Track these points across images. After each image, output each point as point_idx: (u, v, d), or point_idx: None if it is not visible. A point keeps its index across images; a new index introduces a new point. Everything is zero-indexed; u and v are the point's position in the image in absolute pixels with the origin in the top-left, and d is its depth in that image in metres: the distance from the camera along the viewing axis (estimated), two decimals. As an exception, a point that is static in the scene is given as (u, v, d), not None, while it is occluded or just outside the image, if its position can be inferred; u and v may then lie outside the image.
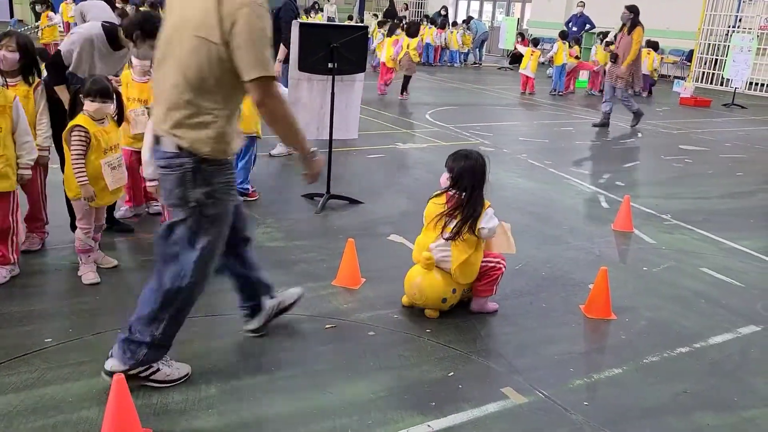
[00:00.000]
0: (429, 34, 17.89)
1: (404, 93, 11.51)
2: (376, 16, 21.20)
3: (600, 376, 3.01)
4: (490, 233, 3.39)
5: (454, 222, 3.36)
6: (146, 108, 4.30)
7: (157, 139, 2.54)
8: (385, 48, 11.89)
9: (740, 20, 16.05)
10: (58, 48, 3.95)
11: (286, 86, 5.48)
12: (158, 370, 2.70)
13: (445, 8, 21.67)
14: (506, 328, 3.41)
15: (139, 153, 4.48)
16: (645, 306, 3.77)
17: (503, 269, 3.49)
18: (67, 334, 3.07)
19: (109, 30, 3.94)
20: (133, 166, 4.46)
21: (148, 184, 3.72)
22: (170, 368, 2.74)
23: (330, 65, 5.02)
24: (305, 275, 3.92)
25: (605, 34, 14.57)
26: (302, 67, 5.06)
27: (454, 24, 20.38)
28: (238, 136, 2.62)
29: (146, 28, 3.83)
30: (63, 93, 3.86)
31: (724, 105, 13.26)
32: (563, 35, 14.16)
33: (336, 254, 4.00)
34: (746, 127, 10.91)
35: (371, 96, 11.56)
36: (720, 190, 6.61)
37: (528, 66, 13.28)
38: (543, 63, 16.55)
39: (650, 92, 14.43)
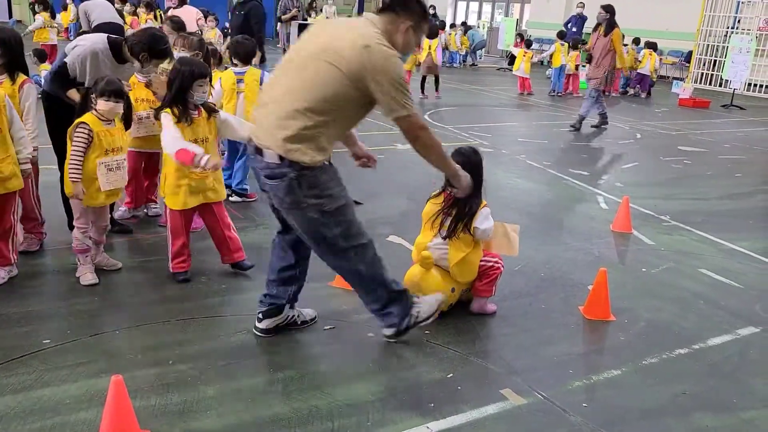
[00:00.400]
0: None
1: (437, 92, 12.07)
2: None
3: (599, 378, 3.01)
4: (484, 234, 3.39)
5: (450, 220, 3.37)
6: (152, 109, 4.30)
7: (259, 150, 2.79)
8: None
9: (739, 21, 16.07)
10: (64, 60, 3.88)
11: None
12: (416, 314, 3.13)
13: (433, 7, 21.69)
14: (505, 329, 3.41)
15: (142, 155, 4.47)
16: (644, 307, 3.77)
17: (501, 269, 3.50)
18: (65, 336, 3.07)
19: (113, 44, 3.90)
20: (137, 168, 4.45)
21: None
22: (421, 307, 3.16)
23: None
24: (304, 276, 3.91)
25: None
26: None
27: (453, 26, 20.40)
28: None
29: (154, 50, 3.85)
30: (74, 94, 3.86)
31: (723, 106, 13.27)
32: (561, 35, 14.18)
33: (335, 255, 3.98)
34: (745, 128, 10.92)
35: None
36: (719, 191, 6.62)
37: (521, 67, 13.35)
38: (542, 63, 16.56)
39: (649, 93, 14.45)
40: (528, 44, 14.02)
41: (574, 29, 16.08)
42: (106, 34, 3.99)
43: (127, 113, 3.72)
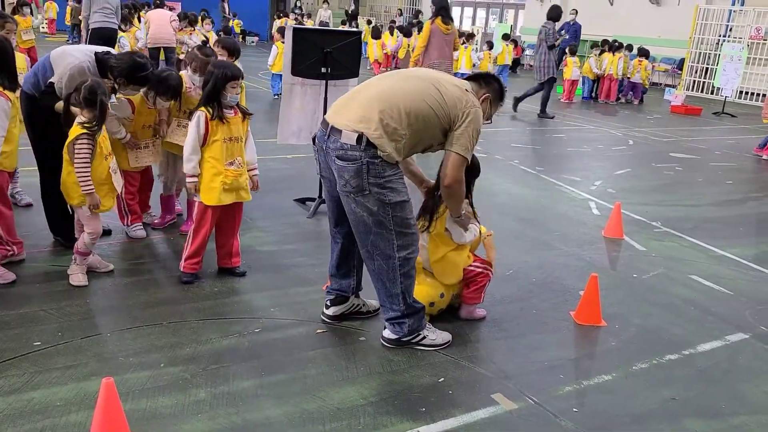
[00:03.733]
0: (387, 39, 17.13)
1: None
2: (369, 21, 21.30)
3: (589, 383, 3.02)
4: (456, 237, 3.34)
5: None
6: (154, 137, 4.37)
7: (335, 131, 2.94)
8: (375, 49, 12.21)
9: (731, 29, 16.19)
10: (51, 81, 3.82)
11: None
12: (424, 336, 3.18)
13: (420, 12, 21.86)
14: (497, 334, 3.42)
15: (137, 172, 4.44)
16: (634, 313, 3.79)
17: (490, 276, 3.48)
18: (55, 338, 3.05)
19: (100, 61, 3.87)
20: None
21: (188, 180, 3.67)
22: (435, 334, 3.21)
23: (323, 70, 5.03)
24: (296, 279, 3.91)
25: (600, 43, 14.66)
26: (295, 72, 5.05)
27: (470, 37, 20.43)
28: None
29: (132, 76, 3.87)
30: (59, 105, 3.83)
31: (715, 113, 13.36)
32: (506, 37, 15.29)
33: (327, 259, 3.98)
34: (736, 135, 11.00)
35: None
36: (710, 198, 6.66)
37: (462, 63, 13.66)
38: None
39: (642, 100, 14.54)
40: (490, 46, 15.10)
41: (567, 36, 16.17)
42: (94, 49, 3.96)
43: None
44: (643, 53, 14.37)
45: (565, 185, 6.71)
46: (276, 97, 10.95)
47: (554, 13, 11.29)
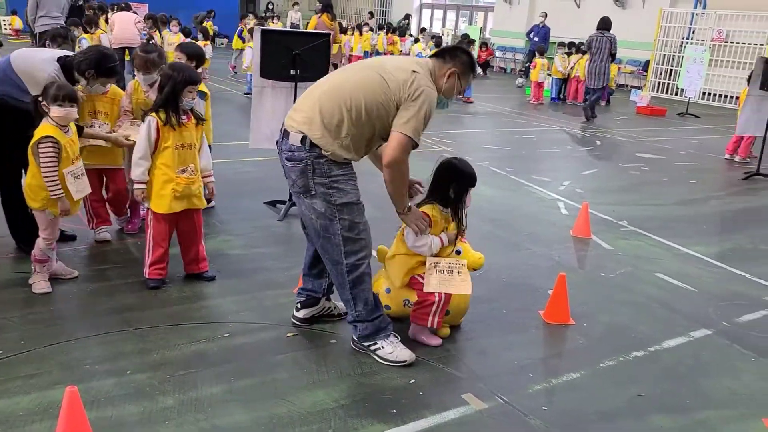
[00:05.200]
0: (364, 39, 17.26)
1: None
2: (340, 24, 21.25)
3: (558, 381, 3.05)
4: (408, 242, 3.17)
5: None
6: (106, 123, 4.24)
7: (286, 134, 2.96)
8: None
9: (693, 32, 16.55)
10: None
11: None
12: (381, 347, 3.07)
13: (408, 15, 21.99)
14: (467, 335, 3.44)
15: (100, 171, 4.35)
16: (602, 311, 3.85)
17: (435, 299, 3.15)
18: (18, 346, 2.98)
19: (65, 65, 3.80)
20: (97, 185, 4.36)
21: (135, 187, 3.60)
22: (393, 348, 3.07)
23: (292, 72, 5.00)
24: (266, 283, 3.89)
25: (567, 45, 14.86)
26: (264, 74, 5.02)
27: (424, 30, 20.56)
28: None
29: (102, 68, 3.83)
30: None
31: (679, 114, 13.64)
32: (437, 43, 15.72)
33: (297, 262, 3.95)
34: (699, 135, 11.24)
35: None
36: (674, 197, 6.80)
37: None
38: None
39: (608, 101, 14.76)
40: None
41: (536, 39, 16.38)
42: (57, 54, 3.89)
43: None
44: (609, 56, 14.59)
45: (534, 186, 6.78)
46: (247, 95, 11.19)
47: (606, 24, 11.96)
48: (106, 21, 11.57)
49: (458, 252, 3.28)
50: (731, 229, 5.82)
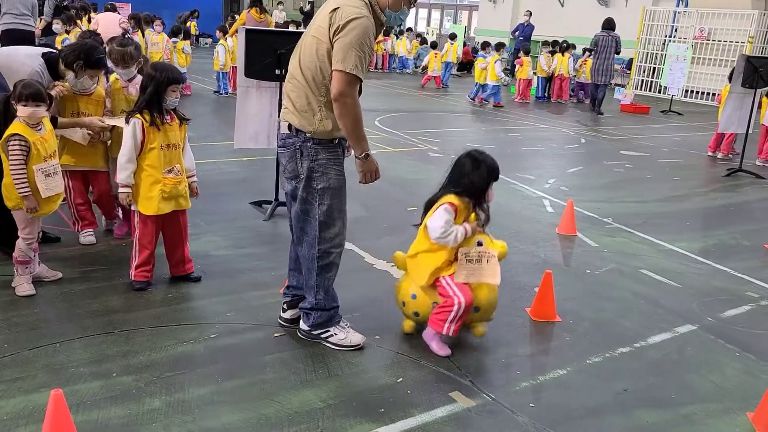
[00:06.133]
0: None
1: None
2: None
3: (545, 378, 3.07)
4: (433, 234, 3.07)
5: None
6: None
7: (279, 125, 3.06)
8: None
9: (676, 30, 16.71)
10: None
11: None
12: (334, 334, 3.15)
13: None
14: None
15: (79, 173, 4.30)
16: (588, 308, 3.87)
17: (455, 306, 3.05)
18: (1, 350, 2.95)
19: (49, 61, 3.78)
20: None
21: (120, 190, 3.56)
22: (345, 334, 3.15)
23: (277, 72, 4.98)
24: (252, 283, 3.87)
25: (551, 43, 14.93)
26: (249, 74, 5.00)
27: (402, 32, 20.57)
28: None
29: (90, 59, 3.82)
30: None
31: (662, 111, 13.76)
32: (452, 36, 16.65)
33: (284, 262, 3.94)
34: (682, 132, 11.35)
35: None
36: (658, 194, 6.86)
37: (435, 67, 15.64)
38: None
39: (592, 102, 14.83)
40: (433, 45, 16.36)
41: (521, 38, 16.45)
42: (40, 50, 3.86)
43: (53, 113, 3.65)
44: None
45: (519, 184, 6.81)
46: (222, 95, 11.36)
47: (611, 24, 12.81)
48: (89, 21, 11.46)
49: (479, 243, 3.17)
50: (714, 225, 5.88)
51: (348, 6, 2.83)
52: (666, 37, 16.60)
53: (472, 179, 3.13)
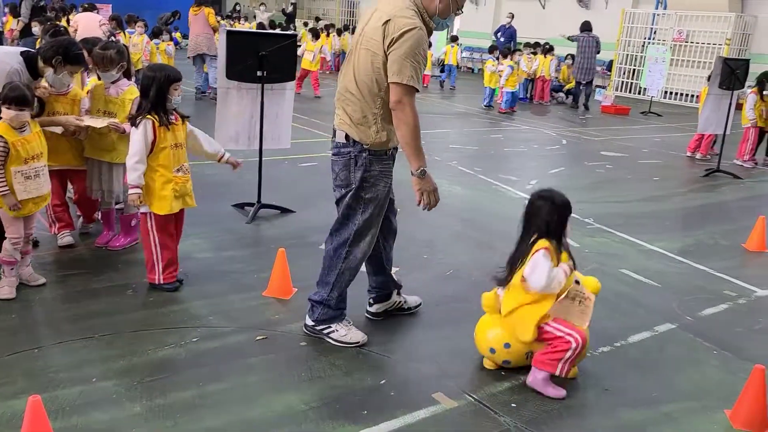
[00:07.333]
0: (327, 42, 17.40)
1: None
2: (306, 24, 21.21)
3: (527, 378, 3.08)
4: (533, 285, 2.90)
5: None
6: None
7: (334, 133, 3.12)
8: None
9: (655, 32, 16.89)
10: None
11: None
12: (335, 330, 3.22)
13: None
14: (438, 333, 3.46)
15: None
16: (570, 308, 3.89)
17: (572, 344, 2.87)
18: (-21, 356, 2.91)
19: (28, 59, 3.75)
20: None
21: (131, 192, 3.53)
22: (347, 331, 3.23)
23: (259, 73, 4.97)
24: (235, 286, 3.85)
25: (532, 45, 15.04)
26: (230, 75, 4.98)
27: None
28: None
29: (69, 55, 3.80)
30: None
31: (642, 113, 13.90)
32: (454, 39, 16.51)
33: (267, 264, 3.95)
34: (662, 133, 11.48)
35: (304, 104, 11.53)
36: (638, 194, 6.93)
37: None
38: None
39: (575, 100, 14.97)
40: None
41: (502, 39, 16.53)
42: (18, 50, 3.83)
43: (39, 114, 3.62)
44: (573, 58, 14.91)
45: (502, 185, 6.85)
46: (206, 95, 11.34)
47: (588, 26, 13.79)
48: (68, 22, 11.33)
49: (577, 282, 3.03)
50: (693, 225, 5.96)
51: (400, 17, 2.87)
52: (645, 39, 16.78)
53: (553, 219, 2.99)
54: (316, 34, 13.64)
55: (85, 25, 10.35)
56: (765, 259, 5.09)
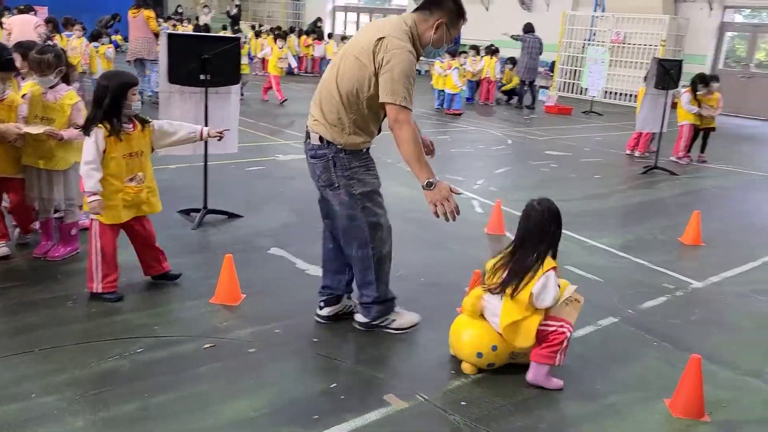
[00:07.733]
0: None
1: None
2: (253, 27, 21.00)
3: (476, 376, 3.13)
4: (542, 304, 2.99)
5: (506, 272, 3.04)
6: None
7: (308, 134, 3.21)
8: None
9: (594, 34, 17.40)
10: None
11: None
12: (393, 320, 3.41)
13: (320, 19, 22.09)
14: (388, 335, 3.46)
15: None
16: (516, 305, 3.97)
17: (566, 334, 3.01)
18: None
19: None
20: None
21: (90, 199, 3.40)
22: (402, 318, 3.44)
23: (202, 77, 4.89)
24: (182, 294, 3.78)
25: (475, 46, 15.27)
26: (172, 79, 4.88)
27: (330, 35, 20.61)
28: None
29: None
30: None
31: (584, 112, 14.29)
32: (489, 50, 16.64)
33: (214, 271, 3.89)
34: (603, 132, 11.83)
35: (250, 107, 11.41)
36: (581, 192, 7.12)
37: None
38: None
39: (520, 101, 15.28)
40: None
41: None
42: None
43: None
44: (511, 61, 15.30)
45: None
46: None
47: (531, 27, 14.66)
48: (1, 25, 10.88)
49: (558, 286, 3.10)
50: (633, 221, 6.16)
51: (393, 38, 2.99)
52: (585, 40, 17.26)
53: (558, 233, 3.08)
54: (282, 36, 13.47)
55: (20, 27, 9.96)
56: (700, 253, 5.31)
